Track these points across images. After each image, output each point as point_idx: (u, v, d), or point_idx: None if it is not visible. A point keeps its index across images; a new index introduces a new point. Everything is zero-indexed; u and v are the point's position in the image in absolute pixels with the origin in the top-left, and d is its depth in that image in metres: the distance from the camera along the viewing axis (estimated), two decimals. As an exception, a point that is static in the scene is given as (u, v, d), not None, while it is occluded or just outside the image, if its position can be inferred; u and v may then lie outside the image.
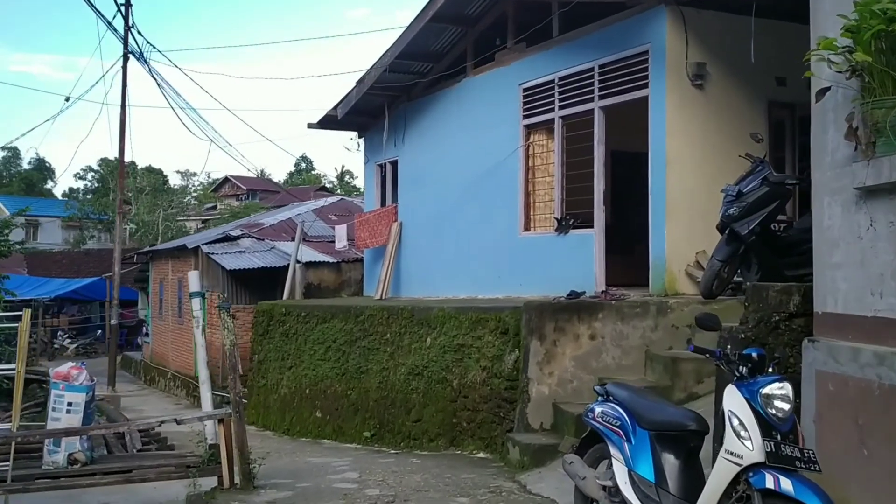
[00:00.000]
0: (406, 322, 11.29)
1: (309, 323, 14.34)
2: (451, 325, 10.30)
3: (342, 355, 12.91)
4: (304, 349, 14.30)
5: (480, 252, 13.84)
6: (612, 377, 8.67)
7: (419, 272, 15.68)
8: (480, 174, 13.85)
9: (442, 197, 14.98)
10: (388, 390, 11.48)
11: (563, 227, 12.00)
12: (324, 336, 13.62)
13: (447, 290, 14.61)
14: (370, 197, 17.45)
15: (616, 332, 8.90)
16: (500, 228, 13.36)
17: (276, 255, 19.19)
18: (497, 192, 13.48)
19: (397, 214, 16.28)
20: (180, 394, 21.73)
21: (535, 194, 12.90)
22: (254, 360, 16.57)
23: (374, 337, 12.07)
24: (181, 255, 22.23)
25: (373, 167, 17.34)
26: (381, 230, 16.46)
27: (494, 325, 9.54)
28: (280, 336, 15.36)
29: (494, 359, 9.39)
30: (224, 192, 69.19)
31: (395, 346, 11.44)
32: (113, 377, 20.02)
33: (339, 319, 13.30)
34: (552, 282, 12.04)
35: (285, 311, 15.37)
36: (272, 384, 15.43)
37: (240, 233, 21.09)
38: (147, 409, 19.63)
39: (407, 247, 16.04)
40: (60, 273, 41.23)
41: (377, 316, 12.10)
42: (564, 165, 12.18)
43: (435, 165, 15.25)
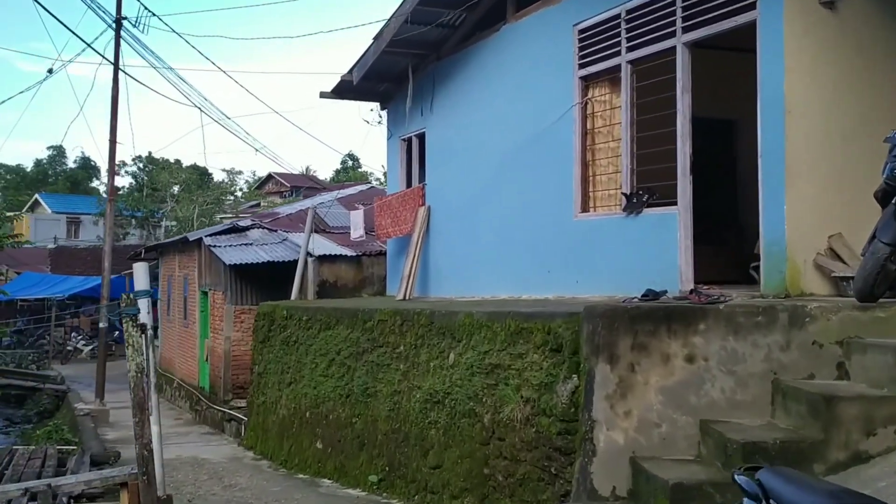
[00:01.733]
0: (423, 331, 8.47)
1: (311, 329, 11.61)
2: (481, 336, 7.45)
3: (346, 372, 10.15)
4: (304, 362, 11.58)
5: (525, 240, 10.96)
6: (722, 420, 5.75)
7: (450, 267, 12.85)
8: (525, 143, 10.97)
9: (477, 174, 12.13)
10: (399, 421, 8.67)
11: (633, 204, 9.07)
12: (326, 346, 10.88)
13: (484, 288, 11.76)
14: (393, 177, 14.67)
15: (726, 352, 5.95)
16: (550, 210, 10.47)
17: (287, 248, 16.54)
18: (546, 165, 10.59)
19: (424, 197, 13.48)
20: (184, 406, 19.22)
21: (594, 165, 9.98)
22: (254, 371, 13.91)
23: (384, 350, 9.28)
24: (186, 250, 19.74)
25: (396, 143, 14.56)
26: (406, 216, 13.67)
27: (542, 338, 6.66)
28: (280, 344, 12.67)
29: (542, 387, 6.51)
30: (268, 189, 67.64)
31: (410, 363, 8.64)
32: (101, 387, 17.57)
33: (344, 326, 10.54)
34: (618, 277, 9.19)
35: (287, 315, 12.67)
36: (271, 402, 12.75)
37: (250, 223, 18.48)
38: (142, 424, 17.12)
39: (436, 236, 13.22)
40: (84, 270, 39.37)
41: (388, 322, 9.31)
42: (634, 125, 9.25)
43: (469, 136, 12.40)
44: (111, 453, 12.25)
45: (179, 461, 13.06)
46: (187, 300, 19.67)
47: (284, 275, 15.89)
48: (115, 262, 36.70)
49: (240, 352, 16.13)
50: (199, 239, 17.76)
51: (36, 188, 70.45)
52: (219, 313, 16.68)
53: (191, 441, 15.03)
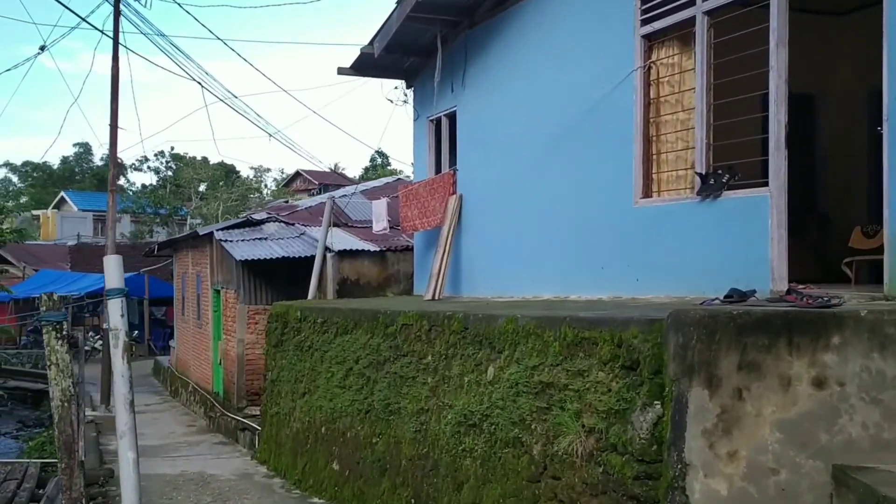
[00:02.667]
0: (455, 339, 6.99)
1: (327, 333, 10.18)
2: (528, 347, 5.95)
3: (366, 383, 8.70)
4: (319, 370, 10.16)
5: (574, 232, 9.45)
6: (866, 466, 4.21)
7: (485, 263, 11.37)
8: (574, 119, 9.45)
9: (517, 157, 10.63)
10: (427, 445, 7.20)
11: (710, 186, 7.51)
12: (343, 353, 9.44)
13: (524, 287, 10.26)
14: (420, 163, 13.19)
15: (869, 374, 4.41)
16: (604, 196, 8.96)
17: (304, 243, 15.15)
18: (599, 144, 9.08)
19: (456, 185, 12.00)
20: (198, 412, 17.93)
21: (659, 141, 8.44)
22: (267, 378, 12.53)
23: (408, 360, 7.81)
24: (198, 246, 18.44)
25: (423, 124, 13.09)
26: (435, 206, 12.20)
27: (610, 351, 5.15)
28: (294, 349, 11.26)
29: (611, 416, 5.00)
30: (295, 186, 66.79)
31: (439, 377, 7.16)
32: (106, 393, 16.30)
33: (362, 330, 9.09)
34: (689, 275, 7.70)
35: (301, 316, 11.26)
36: (284, 414, 11.36)
37: (265, 216, 17.12)
38: (150, 431, 15.85)
39: (469, 228, 11.74)
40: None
41: (413, 327, 7.84)
42: (711, 91, 7.70)
43: (507, 113, 10.91)
44: (101, 472, 10.93)
45: (184, 478, 11.76)
46: (200, 299, 18.39)
47: (303, 272, 14.51)
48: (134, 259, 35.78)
49: (254, 356, 14.78)
50: (210, 233, 16.43)
51: (63, 185, 70.09)
52: (231, 314, 15.35)
53: (200, 453, 13.70)
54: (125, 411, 6.08)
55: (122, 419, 6.01)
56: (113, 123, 16.26)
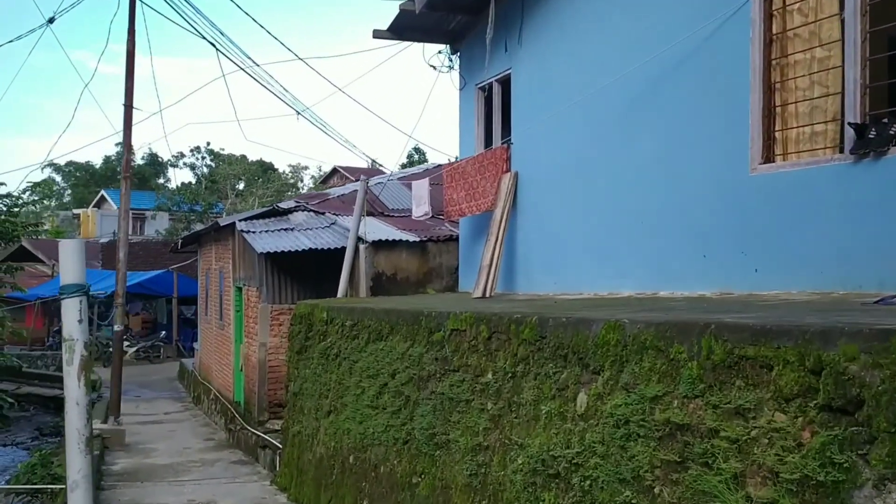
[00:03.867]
0: (527, 351, 5.07)
1: (357, 339, 8.33)
2: (644, 367, 4.01)
3: (404, 405, 6.83)
4: (347, 384, 8.32)
5: (663, 212, 7.50)
6: None
7: (547, 253, 9.45)
8: (664, 72, 7.50)
9: (589, 123, 8.70)
10: (488, 496, 5.30)
11: (873, 140, 5.52)
12: (377, 364, 7.58)
13: (597, 281, 8.34)
14: (468, 137, 11.28)
15: None
16: (706, 164, 7.01)
17: (335, 234, 13.35)
18: (697, 99, 7.12)
19: (510, 161, 10.10)
20: (218, 423, 16.24)
21: (785, 89, 6.45)
22: (288, 390, 10.74)
23: (460, 377, 5.91)
24: (221, 239, 16.76)
25: (472, 92, 11.19)
26: (485, 187, 10.31)
27: (797, 379, 3.19)
28: (319, 357, 9.45)
29: (806, 488, 3.04)
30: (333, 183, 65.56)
31: (504, 403, 5.25)
32: (117, 403, 14.67)
33: (400, 336, 7.21)
34: (834, 262, 5.74)
35: (327, 318, 9.43)
36: (307, 435, 9.55)
37: (293, 204, 15.35)
38: (163, 447, 14.19)
39: (526, 212, 9.84)
40: (135, 265, 37.05)
41: (467, 334, 5.93)
42: (867, 15, 5.71)
43: (573, 71, 8.98)
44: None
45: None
46: (223, 298, 16.71)
47: (333, 266, 12.72)
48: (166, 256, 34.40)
49: (278, 362, 13.02)
50: (232, 224, 14.71)
51: (105, 185, 69.84)
52: (253, 314, 13.61)
53: (214, 475, 11.96)
54: (78, 454, 4.42)
55: (75, 465, 4.38)
56: (128, 103, 14.66)
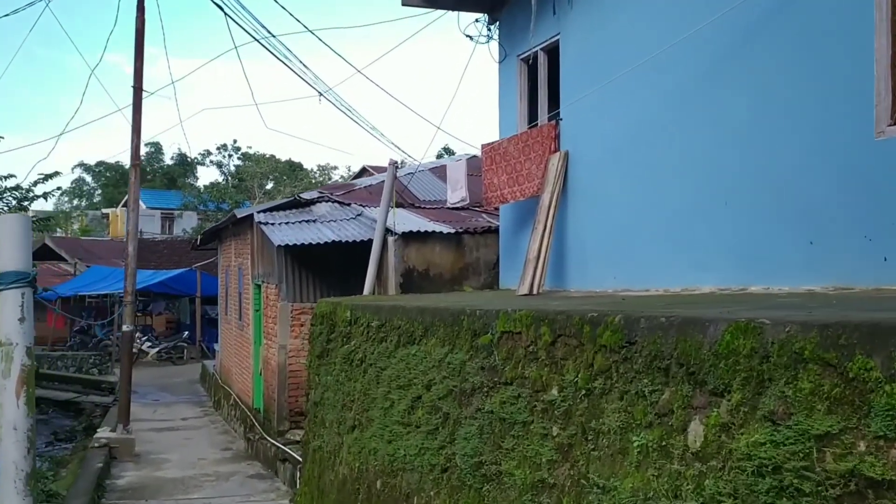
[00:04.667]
0: (609, 361, 3.81)
1: (385, 342, 7.11)
2: (801, 388, 2.73)
3: (443, 423, 5.58)
4: (374, 394, 7.10)
5: (756, 190, 6.19)
6: None
7: (604, 243, 8.17)
8: (754, 19, 6.19)
9: (655, 90, 7.41)
10: (555, 550, 4.04)
11: None
12: (408, 373, 6.35)
13: (671, 275, 7.04)
14: (509, 115, 10.02)
15: None
16: (813, 130, 5.69)
17: (361, 226, 12.17)
18: (801, 49, 5.80)
19: (559, 139, 8.83)
20: (238, 431, 15.14)
21: (924, 29, 5.13)
22: (309, 398, 9.56)
23: (515, 391, 4.64)
24: (240, 233, 15.67)
25: (513, 64, 9.93)
26: (530, 169, 9.05)
27: None
28: (342, 363, 8.24)
29: None
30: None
31: (577, 429, 3.99)
32: (126, 410, 13.59)
33: (436, 339, 5.97)
34: None
35: (350, 318, 8.22)
36: (329, 451, 8.35)
37: (316, 195, 14.20)
38: (176, 457, 13.12)
39: (580, 195, 8.56)
40: (160, 264, 36.39)
41: (523, 337, 4.67)
42: None
43: (635, 31, 7.69)
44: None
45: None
46: (242, 296, 15.62)
47: (360, 262, 11.55)
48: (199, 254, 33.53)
49: (299, 366, 11.86)
50: (250, 216, 13.58)
51: (135, 185, 69.72)
52: (272, 313, 12.47)
53: (228, 492, 10.85)
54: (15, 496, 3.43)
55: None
56: (137, 85, 13.59)
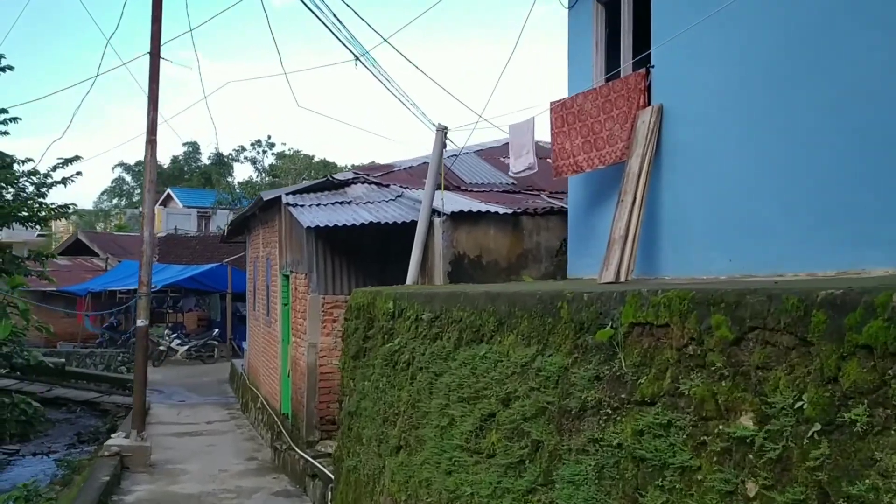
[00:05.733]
0: (889, 376, 2.15)
1: (441, 339, 5.51)
2: None
3: (532, 454, 3.95)
4: (426, 406, 5.50)
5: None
6: None
7: (714, 218, 6.47)
8: None
9: (779, 24, 5.71)
10: None
11: None
12: (475, 380, 4.75)
13: (815, 256, 5.35)
14: (580, 68, 8.33)
15: None
16: None
17: (403, 207, 10.62)
18: None
19: (649, 91, 7.17)
20: (265, 438, 13.67)
21: None
22: (342, 407, 8.00)
23: (662, 415, 2.99)
24: (268, 221, 14.19)
25: (588, 7, 8.25)
26: (611, 129, 7.40)
27: None
28: (382, 364, 6.66)
29: None
30: (400, 183, 63.48)
31: (811, 493, 2.32)
32: (141, 415, 12.13)
33: (517, 336, 4.35)
34: None
35: (394, 310, 6.64)
36: (367, 475, 6.78)
37: (351, 176, 12.66)
38: (195, 467, 11.66)
39: (678, 160, 6.87)
40: (191, 259, 35.25)
41: (674, 332, 3.01)
42: None
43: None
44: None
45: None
46: (269, 289, 14.14)
47: (401, 248, 10.01)
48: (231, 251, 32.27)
49: (332, 367, 10.34)
50: (278, 199, 12.07)
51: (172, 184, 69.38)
52: (301, 307, 10.94)
53: (249, 513, 9.33)
54: None
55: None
56: (154, 51, 12.17)
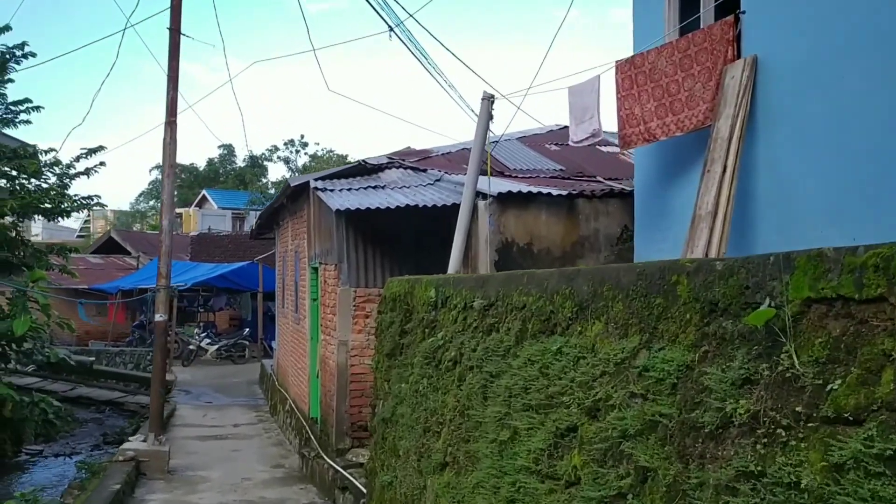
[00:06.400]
0: None
1: (497, 332, 4.44)
2: None
3: (638, 484, 2.86)
4: (479, 414, 4.43)
5: None
6: None
7: (829, 191, 5.33)
8: None
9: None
10: None
11: None
12: (544, 382, 3.67)
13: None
14: (648, 20, 7.17)
15: None
16: None
17: (442, 190, 9.57)
18: None
19: (739, 42, 6.04)
20: (293, 443, 12.71)
21: None
22: (375, 412, 6.97)
23: (882, 443, 1.89)
24: (297, 211, 13.21)
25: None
26: (692, 88, 6.28)
27: None
28: (423, 363, 5.60)
29: None
30: (436, 180, 62.44)
31: None
32: (158, 418, 11.20)
33: (605, 323, 3.26)
34: None
35: (436, 298, 5.58)
36: (405, 494, 5.73)
37: (385, 161, 11.64)
38: (217, 475, 10.74)
39: (777, 121, 5.73)
40: (223, 258, 34.61)
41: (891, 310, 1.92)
42: None
43: None
44: None
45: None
46: (298, 284, 13.18)
47: (441, 236, 8.99)
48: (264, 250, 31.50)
49: (364, 367, 9.32)
50: (306, 185, 11.09)
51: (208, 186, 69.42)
52: (331, 301, 9.93)
53: (272, 529, 8.32)
54: None
55: None
56: (174, 26, 11.27)
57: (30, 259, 13.64)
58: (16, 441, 13.75)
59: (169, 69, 11.15)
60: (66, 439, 16.85)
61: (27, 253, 13.66)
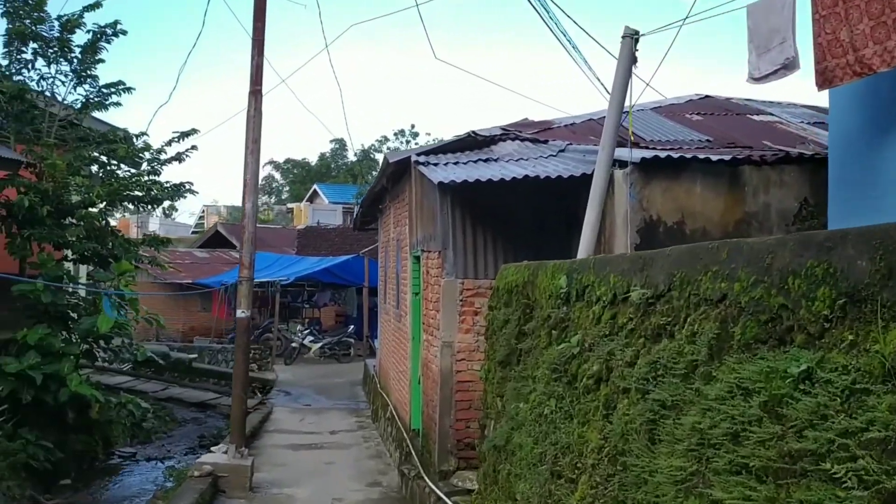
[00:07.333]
0: None
1: (671, 338, 2.81)
2: None
3: None
4: (644, 461, 2.81)
5: None
6: None
7: None
8: None
9: None
10: None
11: None
12: (777, 427, 2.01)
13: None
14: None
15: None
16: None
17: (569, 162, 7.91)
18: None
19: None
20: (392, 456, 11.34)
21: None
22: (484, 434, 5.42)
23: None
24: (399, 193, 11.79)
25: None
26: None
27: None
28: (549, 377, 4.01)
29: None
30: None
31: None
32: (240, 427, 9.99)
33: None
34: None
35: (567, 290, 3.99)
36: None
37: (499, 133, 10.07)
38: (306, 492, 9.49)
39: None
40: (330, 251, 33.95)
41: None
42: None
43: None
44: None
45: None
46: (399, 276, 11.78)
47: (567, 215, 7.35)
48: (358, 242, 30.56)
49: (472, 374, 7.79)
50: (407, 162, 9.66)
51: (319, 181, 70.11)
52: (433, 295, 8.44)
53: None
54: None
55: None
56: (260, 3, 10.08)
57: (119, 250, 12.83)
58: (106, 443, 12.95)
59: (254, 31, 9.94)
60: (163, 441, 16.06)
61: (116, 244, 12.85)
